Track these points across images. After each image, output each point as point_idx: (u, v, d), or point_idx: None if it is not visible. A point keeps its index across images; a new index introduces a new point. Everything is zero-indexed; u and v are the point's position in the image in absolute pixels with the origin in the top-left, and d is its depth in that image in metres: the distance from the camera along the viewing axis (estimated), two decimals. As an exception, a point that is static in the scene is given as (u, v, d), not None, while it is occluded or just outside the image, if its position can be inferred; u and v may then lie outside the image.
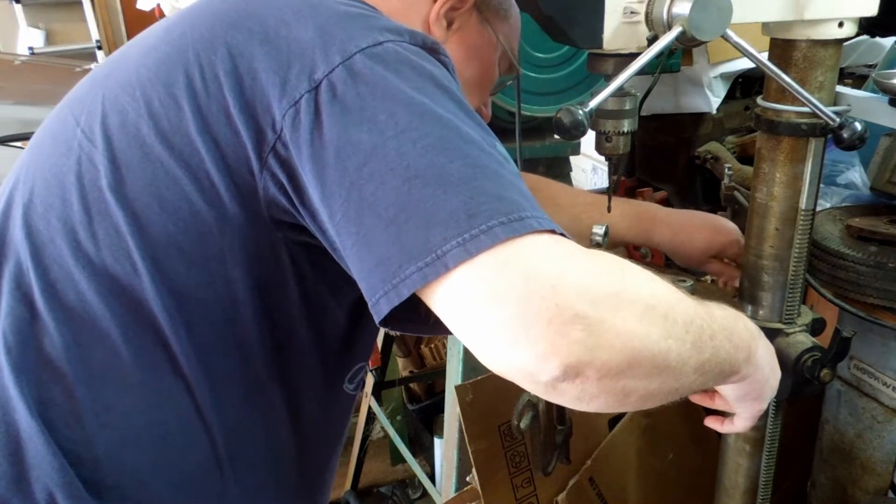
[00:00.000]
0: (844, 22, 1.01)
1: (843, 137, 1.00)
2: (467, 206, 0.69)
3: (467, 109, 0.78)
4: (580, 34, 0.95)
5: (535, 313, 0.65)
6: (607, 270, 0.71)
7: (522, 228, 0.68)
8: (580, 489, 1.50)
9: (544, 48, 1.80)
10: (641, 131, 1.76)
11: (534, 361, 0.66)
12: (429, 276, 0.68)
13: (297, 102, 0.75)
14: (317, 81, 0.75)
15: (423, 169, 0.71)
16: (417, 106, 0.74)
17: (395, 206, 0.70)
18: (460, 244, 0.67)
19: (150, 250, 0.82)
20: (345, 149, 0.73)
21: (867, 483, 1.42)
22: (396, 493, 2.68)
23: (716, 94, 2.08)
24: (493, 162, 0.73)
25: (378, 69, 0.75)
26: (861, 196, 1.54)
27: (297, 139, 0.76)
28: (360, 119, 0.73)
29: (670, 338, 0.72)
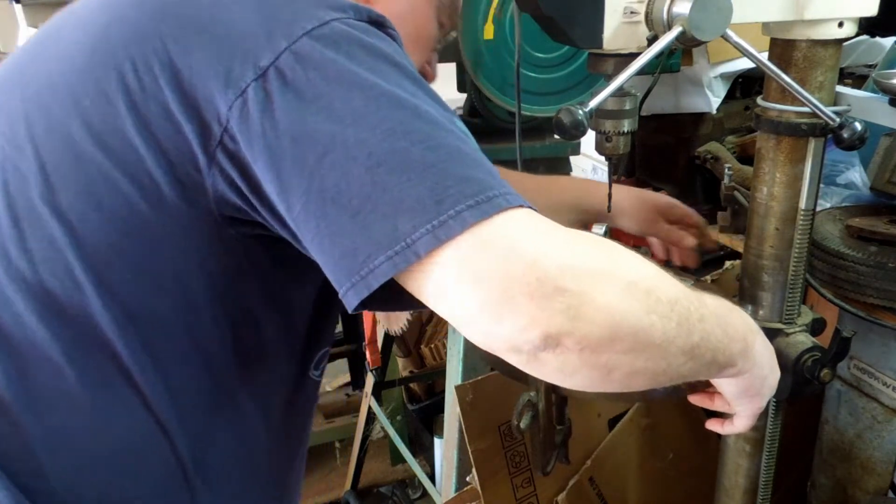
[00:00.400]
0: (844, 22, 1.01)
1: (843, 137, 1.00)
2: (434, 192, 0.68)
3: (422, 85, 0.76)
4: (580, 34, 0.95)
5: (516, 291, 0.65)
6: (587, 246, 0.71)
7: (491, 209, 0.68)
8: (580, 489, 1.50)
9: (544, 48, 1.80)
10: (641, 131, 1.76)
11: (516, 334, 0.67)
12: (399, 265, 0.68)
13: (243, 92, 0.72)
14: (263, 69, 0.72)
15: (386, 156, 0.69)
16: (373, 89, 0.71)
17: (360, 196, 0.69)
18: (430, 231, 0.67)
19: (92, 262, 0.77)
20: (301, 139, 0.71)
21: (867, 483, 1.42)
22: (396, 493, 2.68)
23: (716, 94, 2.08)
24: (454, 140, 0.72)
25: (328, 52, 0.72)
26: (861, 196, 1.54)
27: (246, 131, 0.72)
28: (315, 107, 0.71)
29: (653, 313, 0.71)
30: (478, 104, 1.90)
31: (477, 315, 0.67)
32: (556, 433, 1.16)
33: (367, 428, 2.57)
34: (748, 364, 0.87)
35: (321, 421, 2.73)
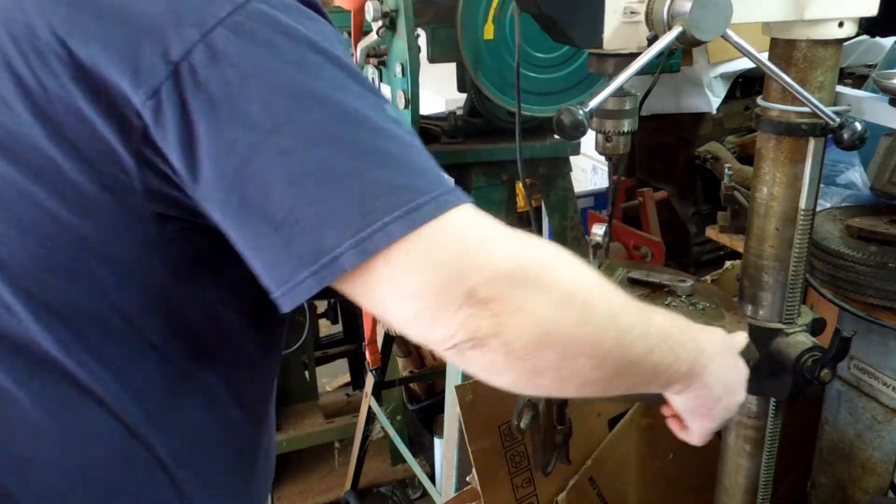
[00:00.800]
0: (844, 22, 1.01)
1: (843, 137, 1.00)
2: (360, 203, 0.65)
3: (350, 70, 0.70)
4: (580, 34, 0.95)
5: (447, 302, 0.66)
6: (526, 253, 0.70)
7: (420, 219, 0.66)
8: (580, 489, 1.50)
9: (544, 48, 1.80)
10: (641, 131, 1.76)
11: (447, 337, 0.67)
12: (325, 279, 0.66)
13: (156, 92, 0.66)
14: (174, 64, 0.65)
15: (309, 166, 0.65)
16: (294, 88, 0.67)
17: (283, 209, 0.65)
18: (355, 245, 0.65)
19: (22, 283, 0.72)
20: (219, 150, 0.66)
21: (867, 483, 1.42)
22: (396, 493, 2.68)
23: (716, 94, 2.08)
24: (382, 140, 0.68)
25: (244, 45, 0.66)
26: (861, 196, 1.55)
27: (164, 136, 0.67)
28: (230, 113, 0.65)
29: (587, 325, 0.71)
30: (478, 104, 1.90)
31: (412, 321, 0.68)
32: (556, 433, 1.16)
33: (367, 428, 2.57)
34: (695, 384, 0.86)
35: (321, 421, 2.73)
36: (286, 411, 2.72)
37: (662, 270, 1.33)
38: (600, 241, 1.10)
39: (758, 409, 1.26)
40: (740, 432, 1.29)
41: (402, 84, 1.74)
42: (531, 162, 1.93)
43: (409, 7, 1.65)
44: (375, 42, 1.76)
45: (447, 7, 1.74)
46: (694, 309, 1.19)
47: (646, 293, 1.25)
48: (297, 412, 2.75)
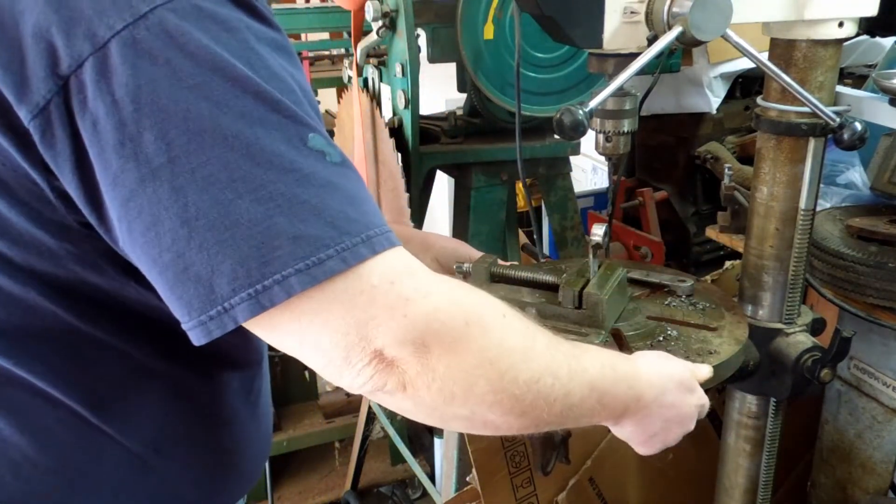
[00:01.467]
0: (844, 22, 1.01)
1: (843, 137, 1.00)
2: (259, 254, 0.60)
3: (267, 96, 0.62)
4: (580, 34, 0.95)
5: (355, 360, 0.65)
6: (444, 315, 0.67)
7: (322, 275, 0.61)
8: (580, 489, 1.50)
9: (544, 48, 1.80)
10: (641, 131, 1.76)
11: (356, 387, 0.67)
12: (213, 332, 0.62)
13: (43, 109, 0.60)
14: (63, 79, 0.59)
15: (206, 209, 0.59)
16: (193, 120, 0.59)
17: (171, 251, 0.61)
18: (251, 297, 0.60)
19: None
20: (105, 179, 0.61)
21: (867, 483, 1.42)
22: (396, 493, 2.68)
23: (716, 94, 2.08)
24: (293, 182, 0.62)
25: (141, 65, 0.59)
26: (861, 196, 1.55)
27: (54, 157, 0.62)
28: (119, 141, 0.59)
29: (501, 393, 0.70)
30: (478, 104, 1.90)
31: (320, 369, 0.67)
32: (555, 433, 1.16)
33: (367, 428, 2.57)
34: (627, 425, 0.88)
35: (321, 421, 2.73)
36: (286, 411, 2.72)
37: (662, 270, 1.33)
38: (600, 241, 1.10)
39: (758, 409, 1.26)
40: (740, 432, 1.29)
41: (402, 84, 1.74)
42: (531, 162, 1.93)
43: (409, 7, 1.66)
44: (375, 42, 1.77)
45: (447, 7, 1.74)
46: (694, 309, 1.19)
47: (646, 293, 1.25)
48: (297, 412, 2.75)
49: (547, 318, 1.10)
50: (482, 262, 1.22)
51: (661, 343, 1.08)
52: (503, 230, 2.05)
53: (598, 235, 1.09)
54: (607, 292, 1.10)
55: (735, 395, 1.28)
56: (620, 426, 0.89)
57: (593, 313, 1.09)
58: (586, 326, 1.08)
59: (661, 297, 1.24)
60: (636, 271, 1.28)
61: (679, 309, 1.20)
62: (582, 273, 1.14)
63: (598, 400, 0.81)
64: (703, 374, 0.98)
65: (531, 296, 1.16)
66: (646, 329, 1.12)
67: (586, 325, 1.09)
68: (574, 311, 1.10)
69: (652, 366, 0.91)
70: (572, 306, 1.10)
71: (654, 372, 0.89)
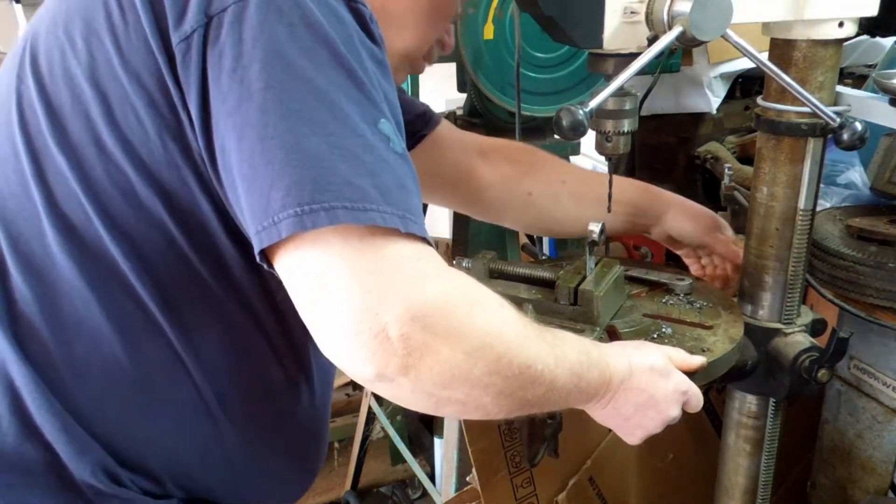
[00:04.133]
0: (844, 22, 1.01)
1: (843, 137, 1.00)
2: (315, 181, 0.68)
3: (357, 78, 0.74)
4: (580, 34, 0.95)
5: (366, 322, 0.68)
6: (454, 299, 0.73)
7: (365, 219, 0.68)
8: (580, 489, 1.50)
9: (544, 48, 1.80)
10: (641, 131, 1.76)
11: (353, 362, 0.70)
12: (264, 241, 0.69)
13: (188, 37, 0.73)
14: (209, 17, 0.72)
15: (282, 132, 0.69)
16: (296, 69, 0.71)
17: (248, 163, 0.70)
18: (297, 215, 0.67)
19: (96, 195, 0.79)
20: (216, 97, 0.72)
21: (867, 483, 1.42)
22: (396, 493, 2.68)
23: (716, 94, 2.08)
24: (358, 144, 0.71)
25: (270, 19, 0.71)
26: (861, 196, 1.54)
27: (187, 77, 0.74)
28: (234, 68, 0.71)
29: (496, 375, 0.75)
30: (478, 104, 1.90)
31: (320, 325, 0.70)
32: (546, 427, 1.16)
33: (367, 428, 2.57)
34: (598, 408, 0.93)
35: (321, 421, 2.74)
36: (286, 411, 2.71)
37: (661, 269, 1.33)
38: (596, 239, 1.10)
39: (758, 409, 1.26)
40: (740, 432, 1.29)
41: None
42: (531, 162, 1.93)
43: (410, 7, 1.65)
44: (375, 42, 1.76)
45: (447, 7, 1.74)
46: (691, 307, 1.19)
47: (644, 291, 1.25)
48: (297, 412, 2.74)
49: (543, 314, 1.10)
50: (481, 258, 1.22)
51: (655, 340, 1.08)
52: (503, 230, 2.05)
53: (594, 233, 1.09)
54: (603, 289, 1.10)
55: (735, 395, 1.29)
56: (594, 410, 0.93)
57: (588, 310, 1.09)
58: (581, 323, 1.09)
59: (659, 295, 1.24)
60: (635, 269, 1.28)
61: (676, 307, 1.20)
62: (579, 270, 1.14)
63: (576, 385, 0.86)
64: (691, 362, 1.00)
65: (528, 292, 1.17)
66: (641, 326, 1.12)
67: (581, 322, 1.09)
68: (570, 308, 1.10)
69: (621, 352, 0.94)
70: (568, 302, 1.10)
71: (623, 357, 0.93)
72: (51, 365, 0.82)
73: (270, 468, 0.98)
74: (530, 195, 1.40)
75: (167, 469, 0.88)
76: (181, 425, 0.88)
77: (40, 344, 0.82)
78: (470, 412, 0.79)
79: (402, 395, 0.74)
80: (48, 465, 0.82)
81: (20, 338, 0.82)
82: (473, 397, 0.76)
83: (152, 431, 0.87)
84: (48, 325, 0.82)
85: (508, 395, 0.78)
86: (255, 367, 0.90)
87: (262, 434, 0.94)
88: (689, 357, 1.01)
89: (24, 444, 0.81)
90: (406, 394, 0.73)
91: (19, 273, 0.82)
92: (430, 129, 1.34)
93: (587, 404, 0.92)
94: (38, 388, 0.81)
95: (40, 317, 0.82)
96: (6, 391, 0.82)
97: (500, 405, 0.79)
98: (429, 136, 1.34)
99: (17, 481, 0.82)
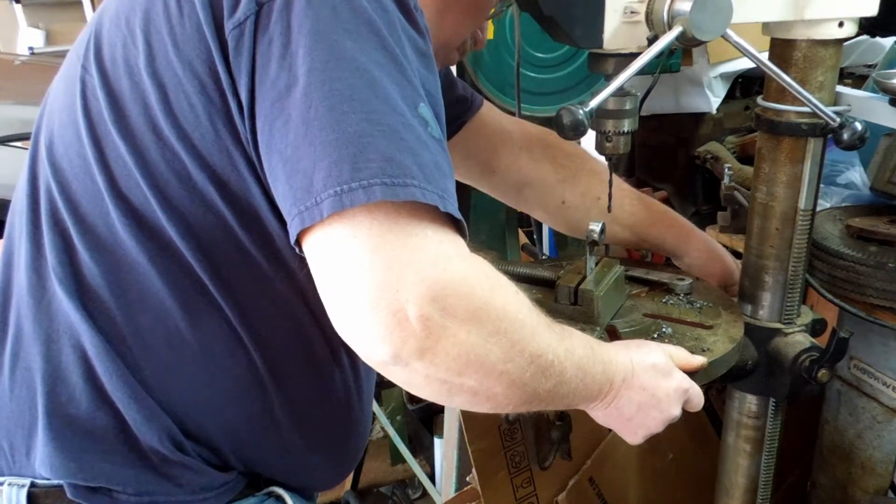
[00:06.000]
0: (844, 22, 1.01)
1: (843, 137, 1.00)
2: (354, 159, 0.70)
3: (399, 62, 0.76)
4: (580, 34, 0.95)
5: (385, 300, 0.69)
6: (474, 282, 0.74)
7: (404, 195, 0.69)
8: (580, 489, 1.50)
9: (544, 48, 1.80)
10: (641, 131, 1.76)
11: (369, 341, 0.71)
12: (306, 221, 0.71)
13: (241, 24, 0.76)
14: (260, 5, 0.75)
15: (323, 113, 0.71)
16: (339, 50, 0.73)
17: (292, 145, 0.72)
18: (337, 195, 0.69)
19: (153, 179, 0.83)
20: (264, 82, 0.75)
21: (867, 483, 1.42)
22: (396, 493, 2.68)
23: (716, 94, 2.08)
24: (399, 122, 0.73)
25: (315, 3, 0.74)
26: (861, 196, 1.54)
27: (238, 63, 0.77)
28: (282, 54, 0.74)
29: (509, 362, 0.76)
30: (478, 104, 1.90)
31: (340, 303, 0.71)
32: (553, 429, 1.17)
33: (367, 428, 2.57)
34: (600, 407, 0.93)
35: (321, 421, 2.73)
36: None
37: (662, 269, 1.33)
38: (596, 239, 1.10)
39: (758, 409, 1.26)
40: (740, 432, 1.29)
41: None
42: (531, 162, 1.93)
43: (410, 7, 1.65)
44: (375, 42, 1.76)
45: (447, 7, 1.74)
46: (691, 307, 1.19)
47: (644, 291, 1.25)
48: (297, 412, 2.74)
49: None
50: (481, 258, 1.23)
51: (656, 340, 1.08)
52: (503, 230, 2.05)
53: (594, 232, 1.10)
54: (603, 289, 1.10)
55: (735, 395, 1.29)
56: (595, 410, 0.93)
57: (588, 310, 1.09)
58: (581, 323, 1.09)
59: (659, 295, 1.24)
60: (635, 269, 1.28)
61: (676, 307, 1.20)
62: (579, 270, 1.14)
63: (582, 380, 0.86)
64: (692, 361, 1.01)
65: (528, 292, 1.16)
66: (641, 326, 1.12)
67: (581, 322, 1.09)
68: (570, 307, 1.10)
69: (623, 350, 0.94)
70: (568, 302, 1.10)
71: (625, 356, 0.93)
72: (119, 336, 0.86)
73: (313, 446, 1.00)
74: (563, 204, 1.40)
75: (226, 440, 0.92)
76: (238, 396, 0.91)
77: (109, 317, 0.86)
78: (481, 402, 0.79)
79: (415, 380, 0.74)
80: (118, 432, 0.86)
81: (90, 310, 0.86)
82: (486, 386, 0.76)
83: (212, 402, 0.90)
84: (115, 299, 0.86)
85: (520, 385, 0.78)
86: (303, 340, 0.93)
87: (308, 410, 0.97)
88: (690, 356, 1.01)
89: (97, 411, 0.86)
90: (420, 379, 0.73)
91: (86, 250, 0.86)
92: (470, 115, 1.34)
93: (590, 403, 0.92)
94: (109, 358, 0.85)
95: (108, 291, 0.86)
96: (80, 361, 0.86)
97: (511, 396, 0.79)
98: (470, 122, 1.34)
99: (91, 447, 0.86)
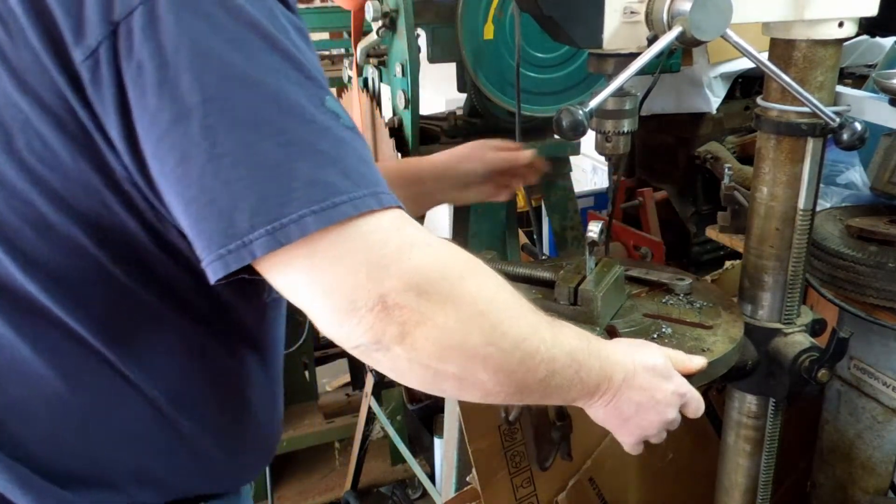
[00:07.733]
0: (844, 22, 1.01)
1: (842, 137, 1.00)
2: (278, 193, 0.66)
3: (291, 57, 0.69)
4: (580, 34, 0.95)
5: (360, 304, 0.68)
6: (442, 265, 0.73)
7: (337, 216, 0.67)
8: (580, 489, 1.50)
9: (544, 48, 1.80)
10: (641, 131, 1.76)
11: (354, 337, 0.70)
12: (231, 265, 0.67)
13: (94, 52, 0.66)
14: (114, 24, 0.65)
15: (232, 147, 0.65)
16: (228, 67, 0.66)
17: (197, 185, 0.66)
18: (269, 233, 0.65)
19: (6, 235, 0.74)
20: (143, 117, 0.66)
21: (867, 483, 1.42)
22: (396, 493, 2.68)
23: (716, 94, 2.08)
24: (311, 132, 0.68)
25: (184, 15, 0.65)
26: (861, 196, 1.55)
27: (100, 97, 0.67)
28: (160, 81, 0.65)
29: (491, 346, 0.75)
30: (478, 104, 1.90)
31: (322, 316, 0.70)
32: (553, 429, 1.16)
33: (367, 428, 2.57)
34: (600, 405, 0.91)
35: (321, 421, 2.73)
36: (286, 411, 2.69)
37: (662, 269, 1.33)
38: (596, 239, 1.10)
39: (758, 409, 1.26)
40: (740, 432, 1.29)
41: (402, 84, 1.74)
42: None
43: (409, 7, 1.65)
44: (375, 42, 1.76)
45: (447, 7, 1.74)
46: (691, 307, 1.19)
47: (644, 291, 1.25)
48: (297, 412, 2.75)
49: None
50: (481, 258, 1.22)
51: (655, 340, 1.08)
52: (503, 230, 2.05)
53: (593, 233, 1.09)
54: (602, 289, 1.10)
55: (735, 395, 1.28)
56: (594, 408, 0.92)
57: (588, 309, 1.09)
58: (581, 323, 1.09)
59: (659, 295, 1.24)
60: (635, 269, 1.28)
61: (676, 307, 1.20)
62: (579, 270, 1.14)
63: (577, 371, 0.84)
64: (692, 364, 1.00)
65: (528, 292, 1.17)
66: (641, 326, 1.12)
67: (581, 322, 1.09)
68: (569, 308, 1.10)
69: (623, 349, 0.94)
70: (568, 302, 1.10)
71: (625, 354, 0.92)
72: None
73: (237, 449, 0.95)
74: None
75: (135, 481, 0.86)
76: (140, 438, 0.85)
77: None
78: (468, 390, 0.78)
79: (400, 366, 0.73)
80: None
81: None
82: (470, 371, 0.75)
83: (114, 452, 0.84)
84: None
85: (507, 372, 0.77)
86: (206, 362, 0.88)
87: (222, 420, 0.92)
88: (688, 360, 1.00)
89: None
90: (403, 365, 0.73)
91: None
92: None
93: (589, 400, 0.91)
94: None
95: None
96: None
97: (499, 384, 0.78)
98: None
99: None
